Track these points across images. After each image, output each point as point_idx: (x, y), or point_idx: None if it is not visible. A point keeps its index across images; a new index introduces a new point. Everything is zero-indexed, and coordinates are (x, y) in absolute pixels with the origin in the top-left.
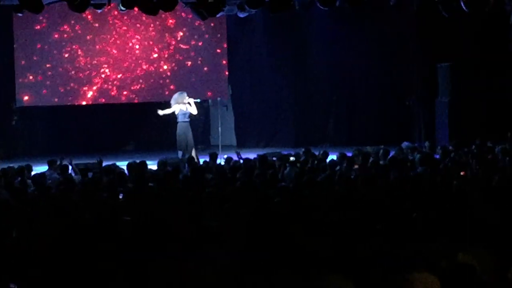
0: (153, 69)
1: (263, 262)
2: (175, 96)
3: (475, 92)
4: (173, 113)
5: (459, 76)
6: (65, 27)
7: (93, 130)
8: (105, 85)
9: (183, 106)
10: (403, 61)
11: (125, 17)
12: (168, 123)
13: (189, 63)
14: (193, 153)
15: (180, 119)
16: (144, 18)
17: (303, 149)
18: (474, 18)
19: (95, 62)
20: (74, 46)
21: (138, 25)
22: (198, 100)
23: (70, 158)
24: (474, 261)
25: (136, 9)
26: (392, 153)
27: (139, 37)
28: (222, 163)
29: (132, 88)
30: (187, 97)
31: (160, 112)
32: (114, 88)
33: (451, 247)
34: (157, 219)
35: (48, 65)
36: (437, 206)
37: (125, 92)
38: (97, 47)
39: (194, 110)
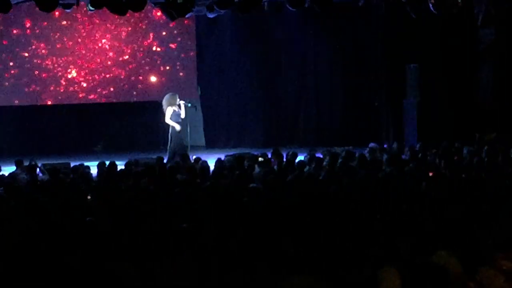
0: (122, 71)
1: (233, 262)
2: (167, 97)
3: (444, 93)
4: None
5: (427, 77)
6: (27, 23)
7: (62, 130)
8: (71, 87)
9: (176, 107)
10: (372, 61)
11: (95, 16)
12: (137, 123)
13: (160, 64)
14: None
15: (174, 120)
16: (114, 18)
17: (271, 150)
18: (443, 19)
19: (61, 62)
20: (40, 44)
21: (108, 25)
22: (189, 105)
23: (35, 159)
24: (443, 262)
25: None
26: (359, 154)
27: (109, 36)
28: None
29: (99, 90)
30: (178, 99)
31: (178, 127)
32: (81, 90)
33: (418, 247)
34: (126, 220)
35: (11, 64)
36: (405, 207)
37: (92, 96)
38: (64, 46)
39: (182, 113)
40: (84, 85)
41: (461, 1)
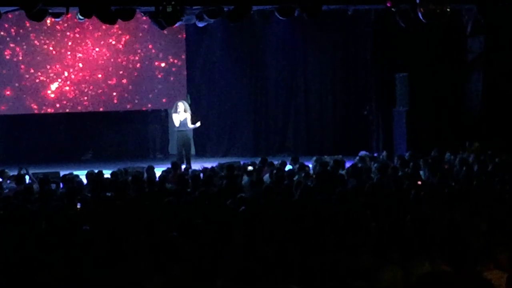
0: (111, 82)
1: (219, 272)
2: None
3: (433, 102)
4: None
5: (417, 86)
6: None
7: (51, 139)
8: (58, 98)
9: (178, 115)
10: (361, 70)
11: (85, 24)
12: (127, 132)
13: (149, 73)
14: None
15: (177, 128)
16: (104, 27)
17: (259, 159)
18: (432, 28)
19: (47, 70)
20: (17, 49)
21: (99, 33)
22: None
23: (26, 168)
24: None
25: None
26: (349, 163)
27: (98, 44)
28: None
29: (85, 104)
30: (177, 107)
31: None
32: (68, 102)
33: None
34: (113, 229)
35: None
36: (393, 215)
37: (79, 107)
38: (50, 53)
39: (176, 122)
40: (71, 96)
41: (450, 10)
